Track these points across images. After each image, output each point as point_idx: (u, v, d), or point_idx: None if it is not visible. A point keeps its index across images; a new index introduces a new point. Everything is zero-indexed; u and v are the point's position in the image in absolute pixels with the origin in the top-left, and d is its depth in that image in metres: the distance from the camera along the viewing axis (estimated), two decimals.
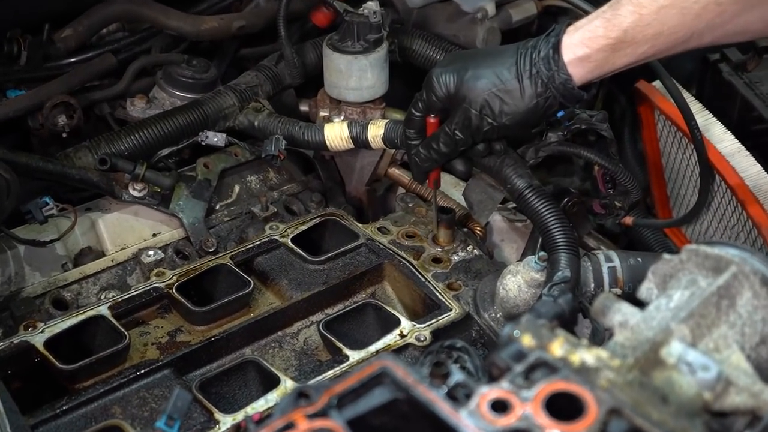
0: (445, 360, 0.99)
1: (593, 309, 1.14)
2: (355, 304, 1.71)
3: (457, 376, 0.99)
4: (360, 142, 1.88)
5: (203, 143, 1.95)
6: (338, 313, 1.69)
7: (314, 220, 1.89)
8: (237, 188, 2.04)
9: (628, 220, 1.93)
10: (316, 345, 1.69)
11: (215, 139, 1.93)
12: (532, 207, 1.66)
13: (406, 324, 1.64)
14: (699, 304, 1.08)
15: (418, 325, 1.64)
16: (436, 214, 1.77)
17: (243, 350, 1.66)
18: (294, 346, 1.68)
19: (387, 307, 1.69)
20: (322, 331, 1.64)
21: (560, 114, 1.75)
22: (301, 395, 0.98)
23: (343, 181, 2.13)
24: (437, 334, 1.64)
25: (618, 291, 1.66)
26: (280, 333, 1.70)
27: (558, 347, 1.01)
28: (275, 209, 1.97)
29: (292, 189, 2.08)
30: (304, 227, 1.87)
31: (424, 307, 1.73)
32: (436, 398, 0.96)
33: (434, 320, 1.66)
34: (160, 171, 1.91)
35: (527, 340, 1.03)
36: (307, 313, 1.72)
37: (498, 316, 1.67)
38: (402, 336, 1.62)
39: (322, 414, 0.95)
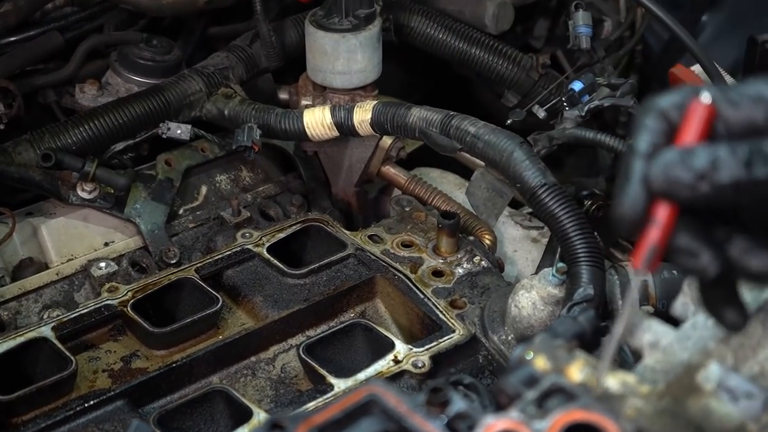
0: (445, 385, 1.00)
1: None
2: (342, 325, 1.71)
3: (458, 404, 0.99)
4: (345, 129, 1.89)
5: (164, 136, 1.95)
6: (322, 335, 1.69)
7: (294, 227, 1.90)
8: (204, 189, 2.04)
9: None
10: (295, 372, 1.69)
11: (178, 132, 1.94)
12: (547, 209, 1.67)
13: (401, 348, 1.64)
14: None
15: (415, 349, 1.64)
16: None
17: (210, 378, 1.66)
18: (270, 374, 1.69)
19: (379, 328, 1.69)
20: (303, 356, 1.64)
21: (577, 86, 1.75)
22: (274, 427, 0.98)
23: (329, 182, 2.13)
24: (438, 359, 1.64)
25: (650, 309, 1.67)
26: (253, 358, 1.70)
27: (577, 371, 1.02)
28: (248, 214, 1.97)
29: (268, 190, 2.08)
30: (282, 235, 1.88)
31: (422, 328, 1.73)
32: (433, 430, 0.96)
33: (434, 343, 1.66)
34: (113, 169, 1.91)
35: (541, 363, 1.04)
36: (285, 335, 1.72)
37: (509, 338, 1.67)
38: (396, 362, 1.62)
39: None
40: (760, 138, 0.91)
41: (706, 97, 0.92)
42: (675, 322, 1.16)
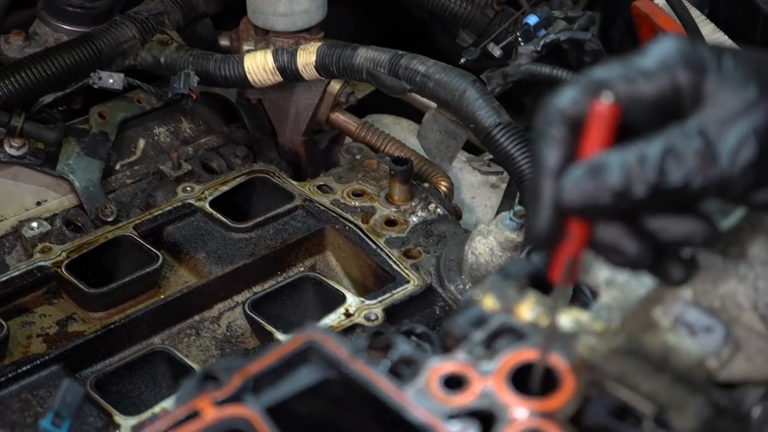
0: (389, 331, 0.98)
1: None
2: (290, 279, 1.70)
3: (402, 348, 0.98)
4: (289, 73, 1.88)
5: (96, 86, 1.92)
6: (268, 290, 1.68)
7: (238, 179, 1.88)
8: (142, 143, 2.01)
9: None
10: (242, 331, 1.68)
11: (111, 81, 1.91)
12: (503, 150, 1.66)
13: (352, 300, 1.63)
14: (702, 255, 1.08)
15: (367, 302, 1.64)
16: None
17: (151, 339, 1.65)
18: (214, 333, 1.67)
19: (329, 281, 1.68)
20: (249, 313, 1.63)
21: (532, 20, 1.74)
22: (207, 378, 0.96)
23: (275, 131, 2.11)
24: (392, 311, 1.63)
25: None
26: (197, 317, 1.69)
27: (527, 310, 1.01)
28: (189, 167, 1.94)
29: (210, 142, 2.06)
30: (225, 188, 1.86)
31: (375, 280, 1.72)
32: (375, 376, 0.95)
33: (387, 295, 1.65)
34: (43, 123, 1.88)
35: (489, 303, 1.03)
36: (230, 292, 1.71)
37: (467, 287, 1.67)
38: (348, 315, 1.61)
39: (233, 399, 0.94)
40: (674, 122, 0.88)
41: (607, 97, 0.85)
42: None
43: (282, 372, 0.98)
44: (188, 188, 1.85)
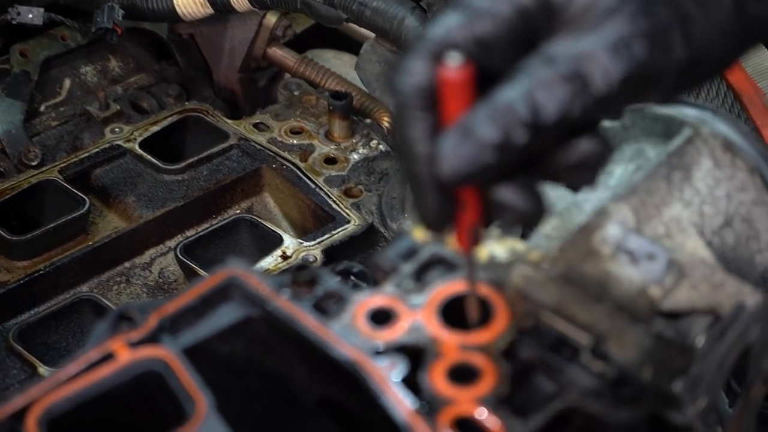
0: (311, 263, 0.96)
1: None
2: (224, 221, 1.68)
3: (327, 282, 0.96)
4: (220, 4, 1.85)
5: (15, 22, 1.88)
6: (201, 234, 1.66)
7: (169, 119, 1.85)
8: (67, 83, 1.98)
9: None
10: (175, 277, 1.66)
11: (30, 16, 1.86)
12: None
13: (290, 242, 1.62)
14: (645, 179, 1.07)
15: (305, 244, 1.62)
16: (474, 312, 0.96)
17: (79, 288, 1.63)
18: (146, 280, 1.66)
19: (265, 223, 1.67)
20: (181, 257, 1.61)
21: None
22: (122, 318, 0.94)
23: (209, 68, 2.08)
24: (331, 253, 1.62)
25: None
26: (127, 264, 1.67)
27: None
28: (118, 107, 1.92)
29: (140, 81, 2.02)
30: (156, 128, 1.84)
31: (315, 221, 1.71)
32: (299, 313, 0.93)
33: (327, 236, 1.64)
34: None
35: (420, 234, 1.01)
36: (162, 236, 1.70)
37: None
38: (285, 258, 1.59)
39: (149, 340, 0.92)
40: (534, 52, 0.79)
41: (453, 59, 0.77)
42: None
43: (201, 311, 0.96)
44: (117, 129, 1.83)
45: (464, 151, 0.77)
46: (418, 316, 0.92)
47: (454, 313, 0.93)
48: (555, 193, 1.12)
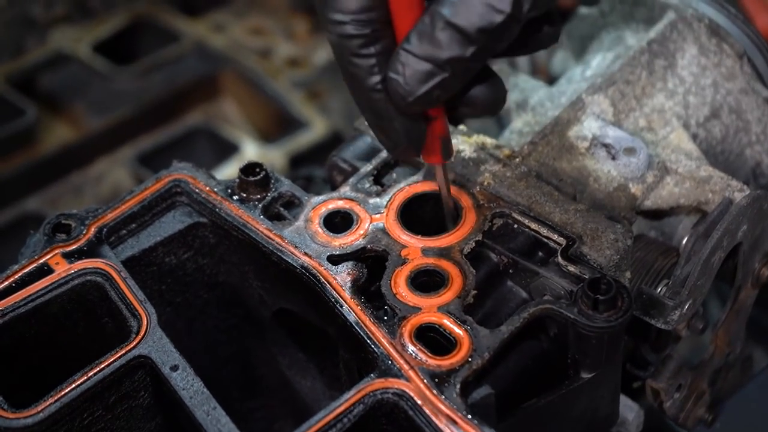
0: (261, 164, 0.92)
1: None
2: (181, 132, 1.65)
3: (282, 185, 0.92)
4: None
5: None
6: (158, 143, 1.63)
7: (120, 20, 1.81)
8: None
9: None
10: (129, 189, 1.63)
11: None
12: None
13: (250, 150, 1.58)
14: (623, 68, 1.03)
15: (268, 150, 1.59)
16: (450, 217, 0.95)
17: (25, 201, 1.60)
18: (98, 192, 1.63)
19: (224, 131, 1.63)
20: (136, 169, 1.58)
21: None
22: (58, 228, 0.91)
23: None
24: (296, 159, 1.59)
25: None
26: (77, 175, 1.64)
27: None
28: (64, 9, 1.87)
29: None
30: (105, 30, 1.80)
31: (278, 126, 1.68)
32: (249, 218, 0.90)
33: (291, 142, 1.60)
34: None
35: None
36: (114, 145, 1.67)
37: None
38: None
39: (88, 251, 0.89)
40: None
41: None
42: None
43: (144, 219, 0.93)
44: (63, 33, 1.79)
45: (423, 73, 0.76)
46: (378, 219, 0.89)
47: (416, 216, 0.90)
48: (527, 86, 1.09)
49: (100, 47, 1.74)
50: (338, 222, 0.90)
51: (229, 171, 1.53)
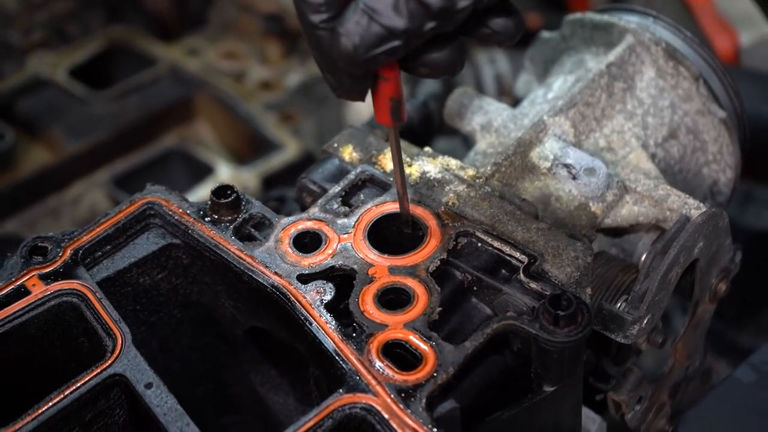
0: (232, 187, 0.93)
1: (446, 110, 1.10)
2: (156, 154, 1.66)
3: (253, 206, 0.94)
4: None
5: None
6: (133, 166, 1.64)
7: (95, 45, 1.82)
8: None
9: (534, 18, 1.90)
10: (106, 211, 1.63)
11: None
12: None
13: (224, 171, 1.59)
14: (584, 90, 1.05)
15: (241, 172, 1.59)
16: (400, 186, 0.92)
17: (2, 224, 1.60)
18: (75, 215, 1.63)
19: (198, 154, 1.64)
20: (112, 191, 1.58)
21: None
22: (35, 251, 0.92)
23: None
24: (269, 180, 1.59)
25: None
26: (55, 198, 1.64)
27: (390, 159, 0.97)
28: (41, 35, 1.87)
29: (64, 6, 1.97)
30: (82, 56, 1.80)
31: (251, 148, 1.68)
32: (220, 239, 0.91)
33: (263, 164, 1.61)
34: None
35: (348, 153, 0.99)
36: (91, 168, 1.67)
37: None
38: None
39: (64, 273, 0.90)
40: None
41: None
42: None
43: (118, 240, 0.94)
44: (40, 58, 1.79)
45: (376, 37, 0.77)
46: (346, 239, 0.90)
47: (383, 236, 0.91)
48: (491, 108, 1.10)
49: (77, 72, 1.74)
50: (307, 242, 0.91)
51: (203, 192, 1.54)
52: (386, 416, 0.78)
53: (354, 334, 0.84)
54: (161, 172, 1.61)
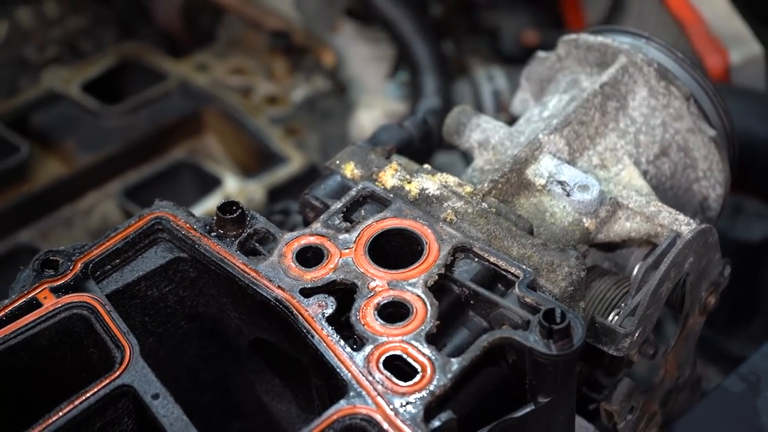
0: (238, 203, 0.93)
1: (445, 127, 1.10)
2: (165, 166, 1.65)
3: (257, 222, 0.93)
4: None
5: None
6: (142, 179, 1.63)
7: (107, 61, 1.81)
8: (2, 27, 1.93)
9: (532, 35, 1.89)
10: (117, 221, 1.63)
11: None
12: (382, 12, 1.60)
13: (231, 184, 1.59)
14: (578, 109, 1.05)
15: (248, 184, 1.59)
16: None
17: (18, 234, 1.59)
18: (88, 225, 1.63)
19: (206, 166, 1.64)
20: (123, 203, 1.58)
21: None
22: (46, 264, 0.92)
23: (149, 7, 2.03)
24: (274, 192, 1.59)
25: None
26: (68, 209, 1.64)
27: (390, 176, 0.97)
28: (56, 51, 1.87)
29: (78, 23, 1.98)
30: (94, 71, 1.80)
31: (258, 161, 1.68)
32: (226, 253, 0.91)
33: (269, 176, 1.61)
34: None
35: (350, 170, 0.99)
36: (103, 180, 1.67)
37: None
38: None
39: (75, 286, 0.90)
40: None
41: None
42: None
43: (127, 254, 0.94)
44: (55, 73, 1.79)
45: None
46: (348, 254, 0.90)
47: (384, 251, 0.91)
48: (489, 126, 1.10)
49: (90, 87, 1.74)
50: (310, 257, 0.91)
51: (211, 203, 1.54)
52: (385, 426, 0.78)
53: (354, 347, 0.84)
54: (171, 184, 1.61)
